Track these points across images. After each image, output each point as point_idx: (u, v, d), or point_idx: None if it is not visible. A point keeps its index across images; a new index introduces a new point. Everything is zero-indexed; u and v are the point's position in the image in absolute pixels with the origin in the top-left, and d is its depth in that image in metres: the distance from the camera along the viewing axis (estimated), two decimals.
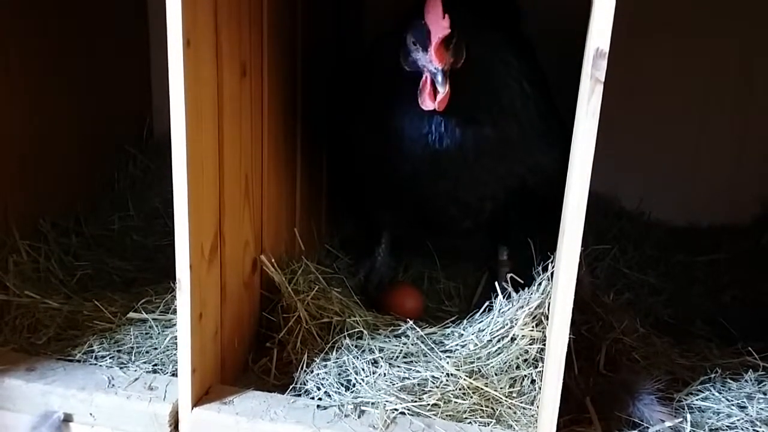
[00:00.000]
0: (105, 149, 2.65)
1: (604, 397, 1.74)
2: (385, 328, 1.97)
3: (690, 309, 2.29)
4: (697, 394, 1.77)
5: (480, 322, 1.91)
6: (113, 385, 1.75)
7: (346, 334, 1.91)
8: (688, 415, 1.68)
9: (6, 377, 1.75)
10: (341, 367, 1.82)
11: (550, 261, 1.82)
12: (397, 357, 1.85)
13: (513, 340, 1.80)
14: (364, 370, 1.79)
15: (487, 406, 1.71)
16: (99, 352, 1.86)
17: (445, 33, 1.73)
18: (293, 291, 1.96)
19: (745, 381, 1.82)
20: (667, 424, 1.65)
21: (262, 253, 1.98)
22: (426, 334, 1.92)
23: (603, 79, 1.31)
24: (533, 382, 1.75)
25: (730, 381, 1.82)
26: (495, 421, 1.69)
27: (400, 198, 2.08)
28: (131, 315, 1.98)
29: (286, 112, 2.08)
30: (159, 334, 1.92)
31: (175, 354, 1.73)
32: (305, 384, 1.79)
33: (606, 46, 1.30)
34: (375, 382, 1.75)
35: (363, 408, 1.69)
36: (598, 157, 1.38)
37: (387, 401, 1.69)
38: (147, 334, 1.93)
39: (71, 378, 1.77)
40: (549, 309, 1.76)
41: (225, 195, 1.74)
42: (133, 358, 1.85)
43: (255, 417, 1.66)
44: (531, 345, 1.77)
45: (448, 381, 1.74)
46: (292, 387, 1.79)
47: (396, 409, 1.68)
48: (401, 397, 1.70)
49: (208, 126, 1.64)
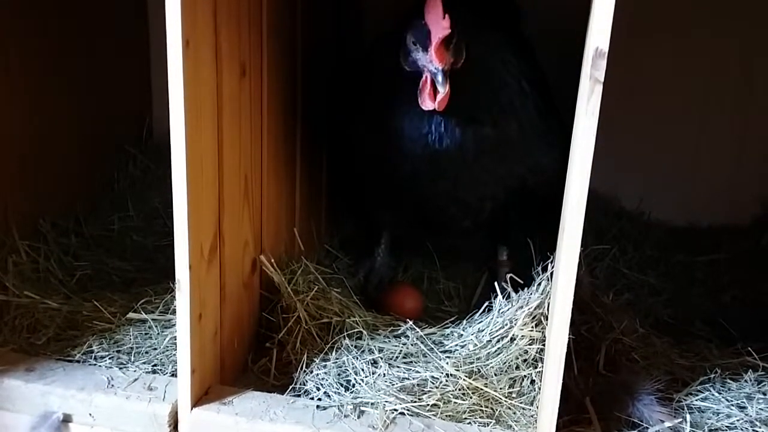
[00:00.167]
0: (105, 149, 2.65)
1: (604, 398, 1.73)
2: (385, 328, 1.97)
3: (690, 309, 2.29)
4: (697, 395, 1.77)
5: (479, 323, 1.91)
6: (113, 385, 1.75)
7: (345, 334, 1.91)
8: (688, 416, 1.68)
9: (5, 377, 1.75)
10: (341, 367, 1.82)
11: (550, 261, 1.82)
12: (397, 357, 1.84)
13: (512, 340, 1.79)
14: (363, 370, 1.79)
15: (486, 407, 1.70)
16: (98, 352, 1.86)
17: (445, 33, 1.73)
18: (293, 291, 1.96)
19: (745, 381, 1.82)
20: (667, 424, 1.65)
21: (261, 253, 1.98)
22: (425, 335, 1.92)
23: (602, 79, 1.31)
24: (533, 382, 1.75)
25: (729, 381, 1.82)
26: (494, 421, 1.69)
27: (400, 198, 2.08)
28: (131, 315, 1.98)
29: (285, 112, 2.08)
30: (158, 334, 1.92)
31: (175, 354, 1.73)
32: (305, 384, 1.79)
33: (605, 46, 1.30)
34: (374, 382, 1.75)
35: (362, 408, 1.69)
36: (598, 156, 1.38)
37: (386, 401, 1.69)
38: (146, 334, 1.93)
39: (71, 378, 1.77)
40: (548, 309, 1.76)
41: (224, 195, 1.74)
42: (132, 359, 1.84)
43: (254, 417, 1.66)
44: (530, 345, 1.77)
45: (447, 381, 1.74)
46: (291, 387, 1.79)
47: (395, 410, 1.68)
48: (401, 398, 1.70)
49: (208, 126, 1.64)
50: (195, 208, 1.59)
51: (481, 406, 1.70)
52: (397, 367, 1.80)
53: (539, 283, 1.83)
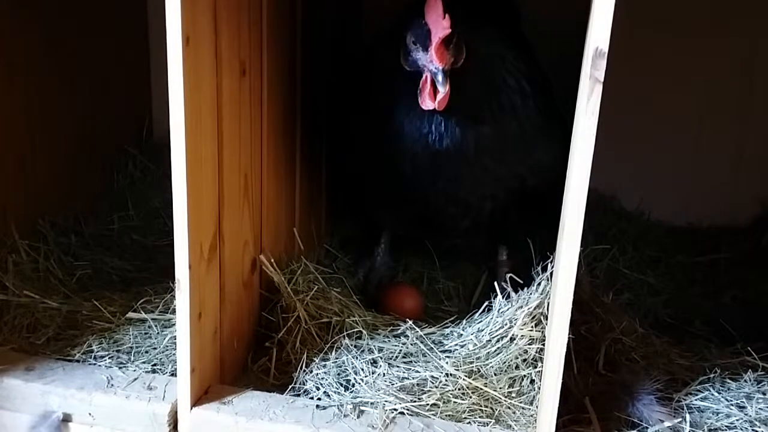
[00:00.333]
0: (104, 149, 2.65)
1: (604, 397, 1.74)
2: (385, 328, 1.97)
3: (689, 309, 2.29)
4: (696, 394, 1.77)
5: (479, 322, 1.91)
6: (112, 384, 1.75)
7: (345, 334, 1.91)
8: (687, 415, 1.68)
9: (5, 377, 1.75)
10: (340, 366, 1.82)
11: (550, 261, 1.82)
12: (397, 357, 1.85)
13: (512, 340, 1.79)
14: (363, 370, 1.79)
15: (486, 406, 1.70)
16: (98, 351, 1.86)
17: (445, 33, 1.73)
18: (292, 291, 1.96)
19: (744, 381, 1.82)
20: (666, 424, 1.65)
21: (261, 252, 1.98)
22: (425, 334, 1.92)
23: (602, 79, 1.31)
24: (532, 382, 1.75)
25: (729, 381, 1.82)
26: (494, 420, 1.69)
27: (399, 198, 2.08)
28: (130, 315, 1.98)
29: (285, 112, 2.08)
30: (158, 333, 1.92)
31: (174, 354, 1.72)
32: (304, 384, 1.79)
33: (605, 46, 1.30)
34: (374, 382, 1.75)
35: (362, 408, 1.69)
36: (598, 156, 1.38)
37: (386, 401, 1.69)
38: (146, 333, 1.93)
39: (70, 378, 1.77)
40: (548, 309, 1.76)
41: (224, 195, 1.74)
42: (132, 358, 1.84)
43: (254, 417, 1.66)
44: (530, 345, 1.77)
45: (447, 381, 1.74)
46: (291, 387, 1.79)
47: (395, 409, 1.68)
48: (400, 397, 1.70)
49: (208, 125, 1.64)
50: (195, 207, 1.59)
51: (480, 406, 1.70)
52: (397, 366, 1.80)
53: (539, 283, 1.83)
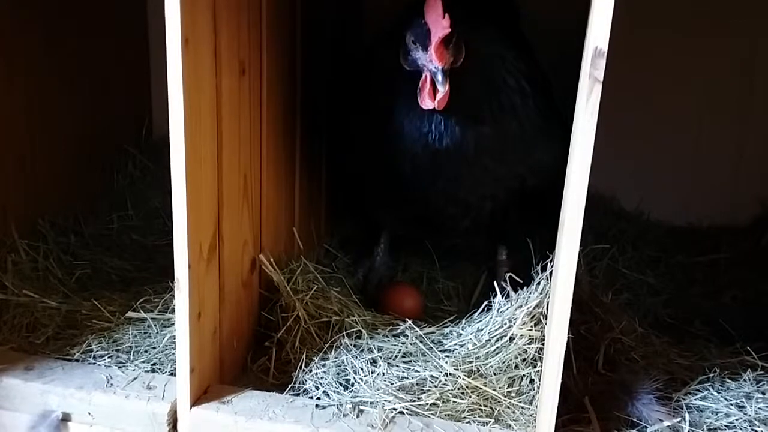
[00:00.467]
0: (104, 149, 2.65)
1: (603, 397, 1.74)
2: (384, 327, 1.97)
3: (689, 309, 2.29)
4: (696, 394, 1.77)
5: (479, 322, 1.91)
6: (112, 384, 1.75)
7: (344, 333, 1.91)
8: (687, 415, 1.68)
9: (4, 376, 1.75)
10: (340, 366, 1.82)
11: (549, 261, 1.82)
12: (396, 356, 1.85)
13: (512, 339, 1.80)
14: (362, 369, 1.79)
15: (485, 406, 1.70)
16: (97, 351, 1.86)
17: (445, 32, 1.73)
18: (292, 290, 1.96)
19: (744, 381, 1.82)
20: (666, 423, 1.65)
21: (260, 252, 1.98)
22: (425, 334, 1.92)
23: (602, 79, 1.31)
24: (532, 381, 1.75)
25: (728, 381, 1.82)
26: (494, 420, 1.69)
27: (399, 197, 2.08)
28: (130, 314, 1.98)
29: (285, 111, 2.08)
30: (157, 333, 1.92)
31: (174, 353, 1.72)
32: (304, 383, 1.79)
33: (605, 46, 1.30)
34: (374, 381, 1.75)
35: (362, 407, 1.69)
36: (598, 156, 1.38)
37: (386, 401, 1.69)
38: (145, 333, 1.93)
39: (70, 377, 1.77)
40: (548, 308, 1.76)
41: (224, 194, 1.74)
42: (131, 358, 1.84)
43: (253, 416, 1.66)
44: (530, 344, 1.77)
45: (446, 380, 1.74)
46: (290, 386, 1.79)
47: (395, 409, 1.68)
48: (400, 397, 1.70)
49: (207, 125, 1.64)
50: (194, 207, 1.59)
51: (480, 405, 1.70)
52: (396, 366, 1.80)
53: (538, 283, 1.83)
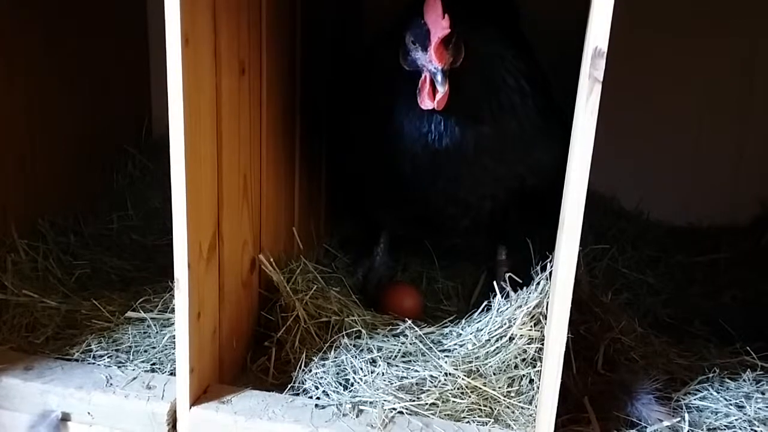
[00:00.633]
0: (104, 149, 2.65)
1: (603, 397, 1.74)
2: (384, 327, 1.97)
3: (689, 309, 2.29)
4: (696, 394, 1.77)
5: (478, 322, 1.91)
6: (111, 384, 1.75)
7: (344, 333, 1.91)
8: (686, 415, 1.68)
9: (4, 376, 1.75)
10: (339, 366, 1.82)
11: (549, 260, 1.82)
12: (396, 356, 1.84)
13: (511, 339, 1.79)
14: (362, 369, 1.79)
15: (485, 406, 1.70)
16: (97, 351, 1.86)
17: (445, 33, 1.73)
18: (292, 290, 1.96)
19: (743, 381, 1.82)
20: (665, 423, 1.65)
21: (260, 252, 1.98)
22: (424, 334, 1.92)
23: (601, 79, 1.31)
24: (531, 381, 1.75)
25: (728, 381, 1.82)
26: (493, 420, 1.69)
27: (399, 197, 2.08)
28: (129, 314, 1.98)
29: (285, 111, 2.08)
30: (157, 333, 1.92)
31: (174, 353, 1.73)
32: (303, 383, 1.79)
33: (604, 46, 1.30)
34: (373, 381, 1.75)
35: (361, 407, 1.69)
36: (598, 156, 1.38)
37: (385, 400, 1.69)
38: (145, 333, 1.93)
39: (69, 377, 1.77)
40: (547, 308, 1.76)
41: (223, 194, 1.74)
42: (131, 357, 1.84)
43: (253, 416, 1.66)
44: (529, 344, 1.77)
45: (446, 380, 1.74)
46: (290, 386, 1.79)
47: (394, 409, 1.67)
48: (399, 397, 1.70)
49: (207, 125, 1.64)
50: (194, 207, 1.59)
51: (479, 405, 1.70)
52: (396, 366, 1.80)
53: (538, 283, 1.83)
